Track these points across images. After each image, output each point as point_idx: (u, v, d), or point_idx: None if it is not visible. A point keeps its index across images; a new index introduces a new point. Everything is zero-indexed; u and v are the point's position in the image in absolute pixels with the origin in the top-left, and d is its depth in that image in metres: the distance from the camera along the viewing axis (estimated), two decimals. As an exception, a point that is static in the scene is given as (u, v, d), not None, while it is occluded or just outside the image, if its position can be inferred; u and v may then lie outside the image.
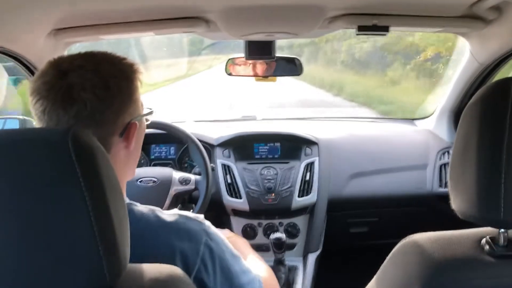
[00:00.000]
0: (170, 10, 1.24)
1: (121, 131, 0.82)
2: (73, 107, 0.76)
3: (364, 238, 2.06)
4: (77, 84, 0.76)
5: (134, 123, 0.83)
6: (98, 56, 0.82)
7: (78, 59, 0.80)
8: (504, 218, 0.66)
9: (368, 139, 2.08)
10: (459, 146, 0.73)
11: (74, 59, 0.80)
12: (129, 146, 0.84)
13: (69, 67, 0.78)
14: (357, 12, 1.26)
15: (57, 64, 0.79)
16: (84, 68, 0.78)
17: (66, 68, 0.77)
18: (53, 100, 0.76)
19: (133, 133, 0.83)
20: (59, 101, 0.76)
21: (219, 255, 0.84)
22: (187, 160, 1.97)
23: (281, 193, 1.84)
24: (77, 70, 0.77)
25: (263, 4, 1.14)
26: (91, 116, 0.77)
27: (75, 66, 0.78)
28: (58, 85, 0.76)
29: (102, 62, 0.81)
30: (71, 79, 0.76)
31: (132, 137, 0.83)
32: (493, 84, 0.70)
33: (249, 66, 1.70)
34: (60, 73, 0.77)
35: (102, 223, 0.57)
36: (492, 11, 1.22)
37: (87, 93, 0.76)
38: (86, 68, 0.78)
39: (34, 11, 1.12)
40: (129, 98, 0.83)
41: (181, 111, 6.73)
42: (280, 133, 2.00)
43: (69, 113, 0.75)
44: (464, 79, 1.77)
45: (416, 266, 0.73)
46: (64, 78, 0.76)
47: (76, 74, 0.77)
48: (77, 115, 0.76)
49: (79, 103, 0.76)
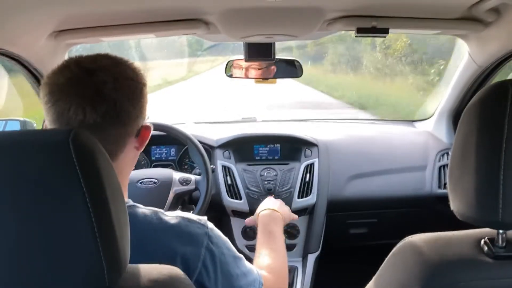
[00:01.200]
0: (170, 12, 1.24)
1: (136, 133, 0.84)
2: (103, 105, 0.76)
3: (364, 239, 2.06)
4: (108, 82, 0.77)
5: (149, 126, 0.86)
6: (118, 59, 0.83)
7: (104, 60, 0.80)
8: (502, 220, 0.66)
9: (368, 141, 2.09)
10: (458, 147, 0.73)
11: (97, 59, 0.80)
12: (140, 148, 0.86)
13: (95, 66, 0.78)
14: (356, 14, 1.26)
15: (78, 63, 0.79)
16: (111, 68, 0.79)
17: (92, 67, 0.77)
18: (81, 97, 0.75)
19: (148, 135, 0.86)
20: (88, 98, 0.75)
21: (220, 259, 0.84)
22: (188, 162, 1.97)
23: (281, 194, 1.84)
24: (105, 70, 0.78)
25: (263, 6, 1.15)
26: (118, 115, 0.78)
27: (102, 66, 0.78)
28: (87, 83, 0.76)
29: (124, 65, 0.82)
30: (101, 78, 0.76)
31: (146, 139, 0.86)
32: (491, 86, 0.70)
33: (249, 68, 1.71)
34: (87, 71, 0.77)
35: (103, 223, 0.57)
36: (490, 13, 1.22)
37: (118, 93, 0.77)
38: (114, 69, 0.79)
39: (35, 13, 1.12)
40: (146, 101, 0.85)
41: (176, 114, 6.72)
42: (280, 135, 2.00)
43: (97, 111, 0.76)
44: (463, 81, 1.78)
45: (415, 267, 0.73)
46: (93, 76, 0.76)
47: (104, 73, 0.77)
48: (105, 114, 0.76)
49: (109, 101, 0.76)
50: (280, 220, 1.27)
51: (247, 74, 1.73)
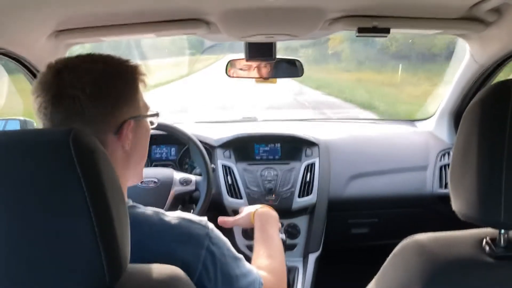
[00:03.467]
0: (170, 12, 1.24)
1: (115, 130, 0.82)
2: (63, 103, 0.77)
3: (365, 239, 2.06)
4: (67, 81, 0.78)
5: (128, 122, 0.83)
6: (94, 57, 0.84)
7: (74, 60, 0.82)
8: (504, 219, 0.66)
9: (369, 140, 2.08)
10: (460, 147, 0.73)
11: (70, 60, 0.82)
12: (124, 145, 0.83)
13: (63, 66, 0.80)
14: (357, 14, 1.26)
15: (54, 64, 0.81)
16: (78, 67, 0.80)
17: (61, 67, 0.80)
18: (46, 98, 0.78)
19: (126, 131, 0.83)
20: (51, 98, 0.78)
21: (221, 259, 0.84)
22: (188, 161, 1.97)
23: (282, 194, 1.84)
24: (71, 69, 0.79)
25: (263, 6, 1.15)
26: (80, 113, 0.78)
27: (70, 66, 0.80)
28: (52, 83, 0.78)
29: (98, 63, 0.82)
30: (63, 77, 0.78)
31: (126, 136, 0.83)
32: (493, 86, 0.70)
33: (250, 68, 1.71)
34: (55, 72, 0.79)
35: (103, 223, 0.57)
36: (492, 13, 1.22)
37: (75, 90, 0.77)
38: (80, 67, 0.80)
39: (36, 13, 1.12)
40: (124, 97, 0.83)
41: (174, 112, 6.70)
42: (281, 134, 2.00)
43: (59, 110, 0.77)
44: (464, 81, 1.78)
45: (417, 266, 0.73)
46: (57, 76, 0.78)
47: (68, 72, 0.79)
48: (66, 111, 0.77)
49: (68, 99, 0.77)
50: (276, 219, 1.27)
51: (247, 74, 1.73)
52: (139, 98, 0.87)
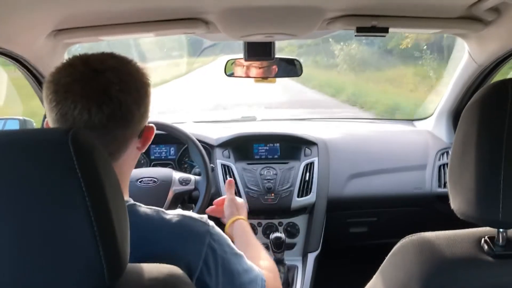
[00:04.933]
0: (169, 12, 1.24)
1: (139, 133, 0.84)
2: (109, 106, 0.76)
3: (364, 238, 2.06)
4: (115, 83, 0.76)
5: (152, 127, 0.86)
6: (124, 59, 0.83)
7: (110, 60, 0.80)
8: (502, 218, 0.66)
9: (368, 140, 2.09)
10: (458, 146, 0.73)
11: (104, 59, 0.80)
12: (142, 148, 0.86)
13: (102, 66, 0.77)
14: (356, 13, 1.26)
15: (85, 62, 0.78)
16: (119, 69, 0.79)
17: (99, 66, 0.77)
18: (87, 97, 0.75)
19: (151, 136, 0.86)
20: (94, 99, 0.75)
21: (222, 256, 0.84)
22: (187, 161, 1.97)
23: (281, 193, 1.84)
24: (113, 70, 0.78)
25: (262, 6, 1.15)
26: (123, 116, 0.78)
27: (110, 66, 0.78)
28: (94, 83, 0.75)
29: (130, 65, 0.82)
30: (109, 78, 0.76)
31: (149, 139, 0.86)
32: (491, 85, 0.70)
33: (249, 67, 1.71)
34: (95, 71, 0.76)
35: (102, 223, 0.57)
36: (490, 12, 1.22)
37: (124, 94, 0.77)
38: (121, 70, 0.79)
39: (34, 12, 1.12)
40: (150, 101, 0.85)
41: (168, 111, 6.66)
42: (280, 134, 2.01)
43: (103, 112, 0.75)
44: (463, 80, 1.78)
45: (416, 265, 0.73)
46: (99, 76, 0.76)
47: (112, 74, 0.77)
48: (111, 114, 0.76)
49: (115, 103, 0.76)
50: (247, 224, 1.25)
51: (247, 73, 1.72)
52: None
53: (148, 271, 0.66)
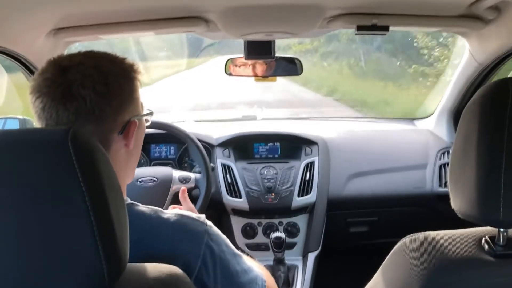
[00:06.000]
0: (169, 10, 1.24)
1: (120, 129, 0.82)
2: (73, 103, 0.76)
3: (364, 237, 2.06)
4: (77, 80, 0.76)
5: (133, 121, 0.84)
6: (98, 54, 0.83)
7: (79, 57, 0.81)
8: (503, 218, 0.66)
9: (368, 139, 2.09)
10: (459, 146, 0.73)
11: (74, 57, 0.80)
12: (128, 145, 0.84)
13: (69, 64, 0.78)
14: (356, 12, 1.26)
15: (57, 61, 0.80)
16: (84, 65, 0.79)
17: (66, 65, 0.78)
18: (53, 96, 0.76)
19: (133, 131, 0.84)
20: (59, 98, 0.76)
21: (220, 256, 0.84)
22: (187, 160, 1.97)
23: (281, 192, 1.84)
24: (77, 67, 0.78)
25: (263, 4, 1.14)
26: (90, 112, 0.77)
27: (75, 63, 0.78)
28: (58, 82, 0.76)
29: (102, 60, 0.82)
30: (71, 76, 0.77)
31: (132, 135, 0.84)
32: (492, 84, 0.70)
33: (249, 66, 1.70)
34: (61, 70, 0.77)
35: (102, 223, 0.56)
36: (491, 11, 1.22)
37: (86, 90, 0.77)
38: (86, 65, 0.79)
39: (34, 10, 1.12)
40: (129, 96, 0.83)
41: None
42: (280, 133, 2.01)
43: (69, 109, 0.76)
44: (464, 79, 1.78)
45: (416, 265, 0.73)
46: (64, 74, 0.77)
47: (76, 70, 0.77)
48: (77, 111, 0.76)
49: (79, 99, 0.76)
50: None
51: (246, 72, 1.72)
52: (139, 96, 0.87)
53: (148, 271, 0.66)
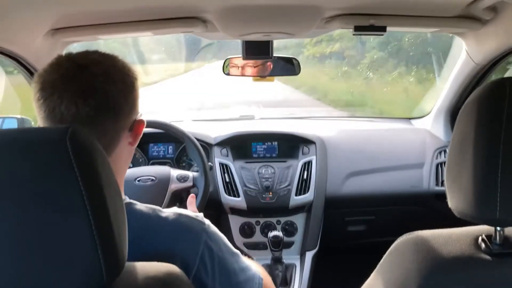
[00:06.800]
0: (167, 10, 1.24)
1: (130, 127, 0.84)
2: (95, 98, 0.76)
3: (361, 236, 2.07)
4: (99, 75, 0.77)
5: (142, 120, 0.86)
6: (107, 54, 0.84)
7: (94, 55, 0.81)
8: (500, 217, 0.67)
9: (366, 138, 2.09)
10: (456, 145, 0.73)
11: (89, 55, 0.81)
12: (133, 143, 0.86)
13: (86, 61, 0.78)
14: (354, 12, 1.26)
15: (71, 59, 0.79)
16: (103, 62, 0.79)
17: (84, 62, 0.78)
18: (71, 92, 0.75)
19: (141, 129, 0.86)
20: (80, 92, 0.75)
21: (218, 254, 0.84)
22: (185, 159, 1.97)
23: (279, 191, 1.85)
24: (97, 64, 0.78)
25: (260, 4, 1.15)
26: (111, 108, 0.78)
27: (93, 61, 0.79)
28: (79, 77, 0.76)
29: (115, 60, 0.83)
30: (93, 71, 0.77)
31: (140, 133, 0.86)
32: (489, 84, 0.70)
33: (247, 66, 1.71)
34: (78, 66, 0.77)
35: (100, 222, 0.57)
36: (488, 11, 1.23)
37: (110, 85, 0.77)
38: (105, 63, 0.80)
39: (32, 11, 1.11)
40: (138, 95, 0.85)
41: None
42: (278, 132, 2.01)
43: (90, 104, 0.75)
44: (461, 79, 1.78)
45: (413, 264, 0.73)
46: (85, 70, 0.77)
47: (96, 67, 0.78)
48: (97, 107, 0.76)
49: (100, 94, 0.76)
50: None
51: (244, 72, 1.72)
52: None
53: (146, 270, 0.66)
